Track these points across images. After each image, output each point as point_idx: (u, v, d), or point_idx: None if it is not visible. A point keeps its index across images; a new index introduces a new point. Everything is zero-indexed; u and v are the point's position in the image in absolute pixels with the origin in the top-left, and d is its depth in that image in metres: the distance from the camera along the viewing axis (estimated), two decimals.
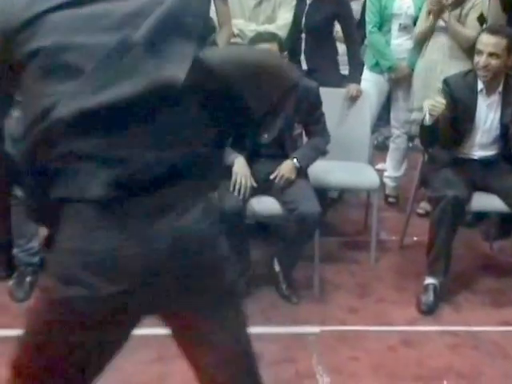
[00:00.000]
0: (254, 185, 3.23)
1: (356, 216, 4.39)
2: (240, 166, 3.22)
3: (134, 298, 1.41)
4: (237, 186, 3.16)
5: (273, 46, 3.20)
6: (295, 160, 3.32)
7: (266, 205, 3.35)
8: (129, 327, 1.53)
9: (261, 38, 3.29)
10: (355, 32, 4.16)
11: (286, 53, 3.39)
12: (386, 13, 4.32)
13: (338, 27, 4.21)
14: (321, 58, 4.04)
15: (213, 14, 3.45)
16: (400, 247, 4.02)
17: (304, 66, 4.04)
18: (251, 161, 3.33)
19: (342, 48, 4.28)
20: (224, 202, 3.14)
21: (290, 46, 3.79)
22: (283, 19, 3.91)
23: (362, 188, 4.09)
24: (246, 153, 3.30)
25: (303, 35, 4.03)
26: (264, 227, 3.92)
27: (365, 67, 4.48)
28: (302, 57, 4.04)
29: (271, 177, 3.29)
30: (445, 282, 3.42)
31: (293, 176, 3.28)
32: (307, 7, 4.00)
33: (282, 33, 3.74)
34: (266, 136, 3.34)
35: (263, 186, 3.33)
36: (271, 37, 3.30)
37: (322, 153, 3.50)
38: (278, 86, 1.51)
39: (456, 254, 3.51)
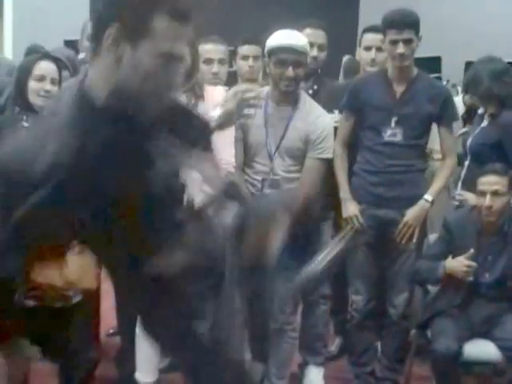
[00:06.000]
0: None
1: None
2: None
3: None
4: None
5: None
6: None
7: (484, 349, 3.11)
8: None
9: None
10: None
11: None
12: None
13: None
14: None
15: None
16: None
17: None
18: (469, 300, 3.15)
19: None
20: (437, 343, 2.99)
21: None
22: None
23: None
24: (463, 294, 3.14)
25: (466, 162, 3.68)
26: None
27: None
28: (459, 184, 3.69)
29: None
30: None
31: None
32: (477, 130, 3.65)
33: None
34: (487, 275, 3.14)
35: (481, 329, 3.12)
36: None
37: None
38: None
39: None
